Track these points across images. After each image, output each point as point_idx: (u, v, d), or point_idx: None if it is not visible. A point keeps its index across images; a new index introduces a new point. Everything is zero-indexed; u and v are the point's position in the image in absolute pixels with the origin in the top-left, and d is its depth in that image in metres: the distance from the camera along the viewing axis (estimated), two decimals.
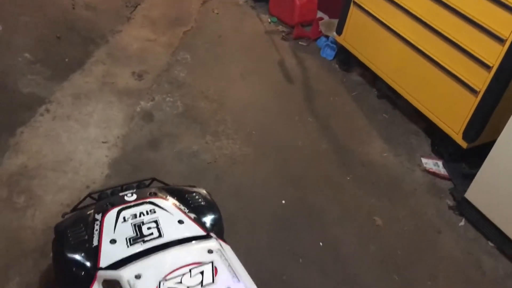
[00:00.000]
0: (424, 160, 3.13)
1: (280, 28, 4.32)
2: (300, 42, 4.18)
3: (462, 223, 2.72)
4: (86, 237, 1.84)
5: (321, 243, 2.43)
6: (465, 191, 2.70)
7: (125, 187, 2.07)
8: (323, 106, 3.45)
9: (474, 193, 2.66)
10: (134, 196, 1.99)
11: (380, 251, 2.47)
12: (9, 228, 2.14)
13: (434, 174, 3.04)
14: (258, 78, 3.62)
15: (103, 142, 2.72)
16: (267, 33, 4.22)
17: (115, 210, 1.90)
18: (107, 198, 2.00)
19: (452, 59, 2.87)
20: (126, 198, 1.99)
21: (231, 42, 4.00)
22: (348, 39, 3.72)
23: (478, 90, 2.73)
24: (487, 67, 2.65)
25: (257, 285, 1.60)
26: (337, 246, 2.43)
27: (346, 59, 3.86)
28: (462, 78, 2.82)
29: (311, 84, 3.67)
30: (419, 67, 3.11)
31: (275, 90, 3.54)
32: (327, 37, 4.13)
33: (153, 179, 2.16)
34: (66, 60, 3.32)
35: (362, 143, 3.18)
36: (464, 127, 2.89)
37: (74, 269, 1.74)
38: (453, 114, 2.96)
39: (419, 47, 3.06)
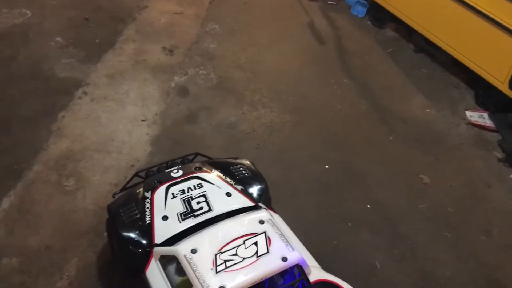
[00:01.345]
0: (468, 113, 3.03)
1: None
2: (329, 1, 4.05)
3: None
4: (139, 215, 1.88)
5: (368, 206, 2.40)
6: None
7: (170, 164, 2.09)
8: (358, 66, 3.36)
9: None
10: (180, 172, 2.01)
11: (430, 209, 2.42)
12: (62, 211, 2.19)
13: (479, 126, 2.94)
14: (289, 43, 3.54)
15: (142, 120, 2.73)
16: None
17: (164, 187, 1.93)
18: (154, 176, 2.02)
19: (495, 6, 2.72)
20: (172, 174, 2.01)
21: (258, 8, 3.91)
22: None
23: None
24: None
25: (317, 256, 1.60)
26: (385, 208, 2.40)
27: (379, 15, 3.72)
28: (507, 25, 2.67)
29: (344, 44, 3.56)
30: (458, 17, 2.97)
31: (307, 54, 3.45)
32: None
33: (197, 154, 2.17)
34: (97, 40, 3.32)
35: (402, 101, 3.09)
36: (510, 76, 2.76)
37: (130, 247, 1.78)
38: (497, 63, 2.82)
39: None
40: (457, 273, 2.17)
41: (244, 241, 1.60)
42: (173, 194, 1.88)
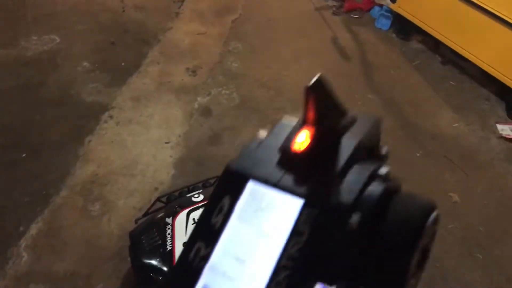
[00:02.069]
0: (499, 127, 2.92)
1: (330, 2, 4.17)
2: (352, 15, 4.01)
3: None
4: (160, 242, 1.89)
5: None
6: None
7: (192, 188, 2.09)
8: (384, 81, 3.30)
9: None
10: (201, 197, 2.01)
11: (460, 229, 2.34)
12: (87, 237, 2.23)
13: None
14: (312, 59, 3.52)
15: (166, 143, 2.76)
16: (317, 10, 4.09)
17: (185, 212, 1.93)
18: (175, 201, 2.03)
19: None
20: (193, 199, 2.01)
21: (281, 25, 3.91)
22: (404, 5, 3.52)
23: None
24: None
25: None
26: None
27: (404, 27, 3.66)
28: None
29: (369, 58, 3.51)
30: (485, 27, 2.88)
31: (331, 69, 3.42)
32: (381, 6, 3.94)
33: (218, 177, 2.16)
34: (123, 64, 3.39)
35: (430, 115, 3.01)
36: None
37: (151, 274, 1.79)
38: None
39: (485, 6, 2.83)
40: None
41: None
42: (194, 219, 1.88)
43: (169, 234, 1.89)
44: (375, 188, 0.39)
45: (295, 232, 0.37)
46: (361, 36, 3.75)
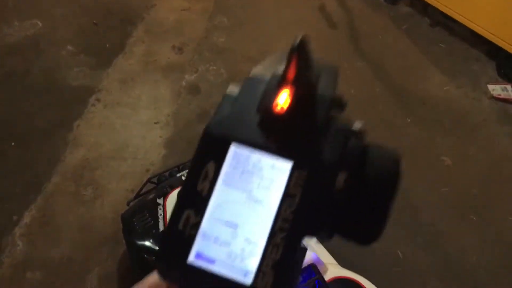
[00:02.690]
0: (490, 87, 2.90)
1: None
2: None
3: None
4: (152, 223, 1.89)
5: None
6: None
7: (181, 167, 2.08)
8: (372, 47, 3.26)
9: None
10: None
11: (453, 193, 2.35)
12: (81, 222, 2.23)
13: (503, 100, 2.81)
14: (299, 29, 3.45)
15: (155, 123, 2.74)
16: None
17: (175, 192, 1.92)
18: (166, 181, 2.02)
19: None
20: (183, 178, 2.01)
21: None
22: None
23: None
24: None
25: (327, 244, 1.57)
26: (406, 195, 2.33)
27: None
28: None
29: (357, 26, 3.46)
30: None
31: (319, 39, 3.37)
32: None
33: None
34: (107, 45, 3.33)
35: (420, 80, 2.98)
36: None
37: (145, 255, 1.80)
38: None
39: None
40: (483, 257, 2.09)
41: None
42: None
43: (160, 214, 1.89)
44: (355, 144, 0.41)
45: (287, 194, 0.38)
46: (348, 3, 3.68)
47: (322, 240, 0.40)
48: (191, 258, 0.38)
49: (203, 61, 3.20)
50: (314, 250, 1.68)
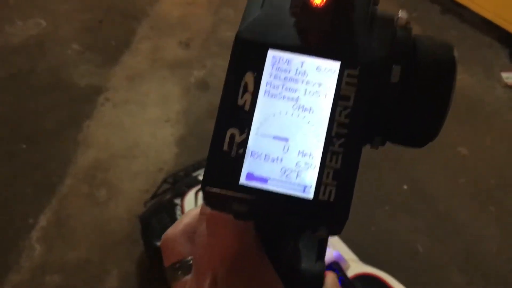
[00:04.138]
0: (504, 74, 2.86)
1: None
2: None
3: None
4: (170, 224, 1.87)
5: (405, 186, 2.31)
6: None
7: (196, 166, 2.07)
8: None
9: None
10: None
11: (471, 183, 2.32)
12: (96, 223, 2.21)
13: None
14: None
15: (165, 121, 2.71)
16: None
17: (192, 192, 1.91)
18: (181, 181, 2.01)
19: None
20: (199, 178, 1.98)
21: None
22: None
23: None
24: None
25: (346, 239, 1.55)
26: (422, 186, 2.31)
27: None
28: None
29: None
30: None
31: None
32: None
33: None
34: (113, 43, 3.29)
35: None
36: None
37: None
38: None
39: None
40: (503, 248, 2.07)
41: None
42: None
43: (178, 215, 1.87)
44: (403, 35, 0.37)
45: (340, 97, 0.35)
46: None
47: (375, 146, 0.38)
48: (242, 180, 0.35)
49: (211, 56, 3.16)
50: (335, 247, 1.66)
